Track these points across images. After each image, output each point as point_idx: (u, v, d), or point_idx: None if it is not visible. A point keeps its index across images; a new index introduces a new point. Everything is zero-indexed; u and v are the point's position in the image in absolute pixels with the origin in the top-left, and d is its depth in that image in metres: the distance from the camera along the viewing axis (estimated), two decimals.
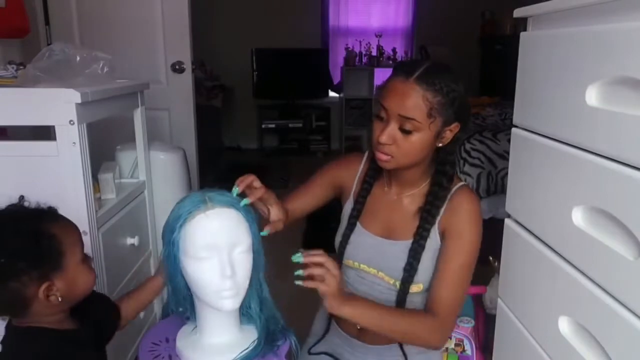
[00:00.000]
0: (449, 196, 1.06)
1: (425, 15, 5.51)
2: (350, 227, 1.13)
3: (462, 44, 5.26)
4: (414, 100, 0.96)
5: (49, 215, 0.86)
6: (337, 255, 1.15)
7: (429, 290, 1.06)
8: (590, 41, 0.72)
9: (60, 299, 0.82)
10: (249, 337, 0.95)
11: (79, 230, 0.89)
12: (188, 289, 0.93)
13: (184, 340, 0.95)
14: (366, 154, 1.18)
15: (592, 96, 0.72)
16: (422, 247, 1.04)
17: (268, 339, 0.95)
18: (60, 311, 0.86)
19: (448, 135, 1.02)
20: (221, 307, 0.87)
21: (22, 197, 0.87)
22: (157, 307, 1.97)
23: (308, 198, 1.19)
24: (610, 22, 0.69)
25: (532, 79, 0.91)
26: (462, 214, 1.04)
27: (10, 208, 0.84)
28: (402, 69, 0.99)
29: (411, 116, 0.96)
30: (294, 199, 1.18)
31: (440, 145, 1.03)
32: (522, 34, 0.94)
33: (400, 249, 1.07)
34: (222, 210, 0.86)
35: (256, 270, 0.92)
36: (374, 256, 1.10)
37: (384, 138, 0.98)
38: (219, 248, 0.85)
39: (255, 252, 0.91)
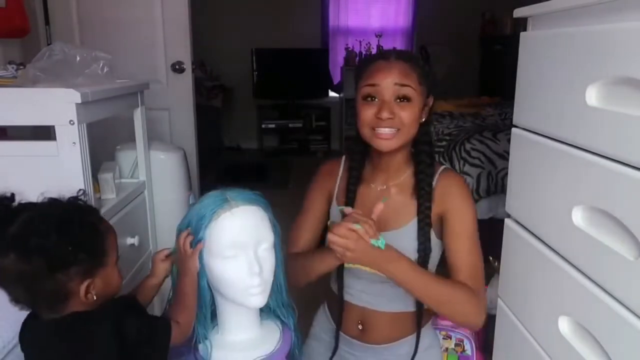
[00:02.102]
0: (435, 179, 1.08)
1: (425, 15, 5.51)
2: None
3: (462, 44, 5.25)
4: (404, 70, 1.02)
5: (96, 213, 0.89)
6: None
7: (452, 269, 1.07)
8: (590, 41, 0.72)
9: (95, 298, 0.83)
10: (270, 332, 0.96)
11: (116, 233, 0.91)
12: (208, 289, 0.93)
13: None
14: (343, 159, 1.19)
15: (592, 96, 0.72)
16: (429, 225, 1.06)
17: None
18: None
19: (428, 107, 1.08)
20: (249, 304, 0.88)
21: (82, 191, 0.89)
22: (158, 308, 1.97)
23: (314, 221, 1.18)
24: (610, 22, 0.69)
25: (532, 79, 0.91)
26: (456, 196, 1.08)
27: (73, 201, 0.86)
28: (376, 56, 1.06)
29: (407, 83, 1.01)
30: (303, 231, 1.18)
31: (423, 120, 1.07)
32: (522, 34, 0.94)
33: (392, 238, 1.07)
34: (247, 208, 0.87)
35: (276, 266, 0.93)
36: None
37: (385, 114, 1.00)
38: (245, 246, 0.86)
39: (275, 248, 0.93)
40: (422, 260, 1.06)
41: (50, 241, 0.77)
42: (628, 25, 0.65)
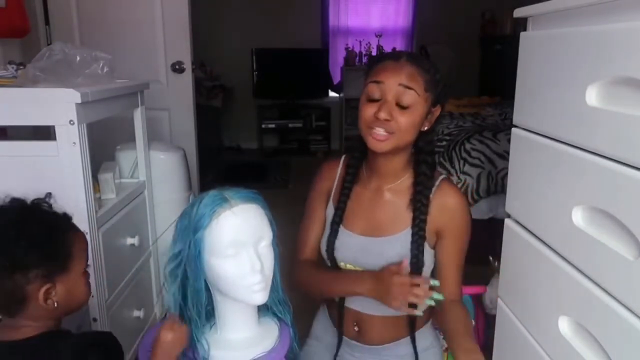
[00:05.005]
0: (433, 191, 1.07)
1: (425, 15, 5.51)
2: (334, 233, 1.12)
3: (462, 44, 5.25)
4: (411, 73, 1.00)
5: (66, 218, 0.89)
6: (327, 260, 1.15)
7: (439, 280, 1.09)
8: (590, 41, 0.72)
9: (55, 305, 0.82)
10: (268, 330, 0.97)
11: (87, 242, 0.91)
12: (206, 289, 0.93)
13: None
14: (342, 158, 1.18)
15: (592, 96, 0.72)
16: (423, 238, 1.05)
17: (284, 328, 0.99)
18: (49, 319, 0.85)
19: (432, 116, 1.06)
20: (252, 300, 0.89)
21: (49, 194, 0.90)
22: (157, 308, 1.97)
23: (318, 227, 1.18)
24: (610, 22, 0.69)
25: (532, 79, 0.91)
26: (452, 212, 1.07)
27: (35, 201, 0.86)
28: (387, 56, 1.04)
29: (411, 86, 0.99)
30: (308, 237, 1.18)
31: (425, 129, 1.05)
32: (522, 34, 0.94)
33: (384, 244, 1.07)
34: (246, 206, 0.88)
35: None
36: (359, 255, 1.10)
37: (383, 114, 0.98)
38: (245, 244, 0.86)
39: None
40: (414, 272, 1.06)
41: (3, 238, 0.77)
42: (628, 25, 0.65)
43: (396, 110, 0.99)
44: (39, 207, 0.86)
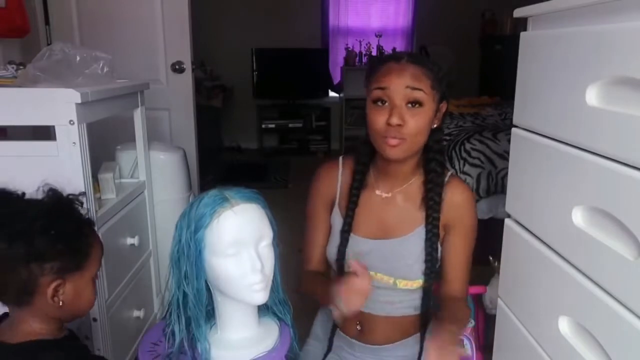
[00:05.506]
0: (444, 186, 1.07)
1: (425, 15, 5.51)
2: (345, 242, 1.11)
3: (462, 44, 5.25)
4: (416, 74, 0.99)
5: (90, 221, 0.91)
6: (335, 268, 1.14)
7: (445, 279, 1.10)
8: (590, 41, 0.72)
9: (61, 304, 0.82)
10: (268, 330, 0.97)
11: (103, 250, 0.92)
12: (206, 289, 0.93)
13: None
14: (340, 160, 1.17)
15: (592, 96, 0.72)
16: (437, 235, 1.05)
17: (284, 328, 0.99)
18: (50, 320, 0.85)
19: (440, 113, 1.06)
20: (252, 300, 0.89)
21: (82, 193, 0.91)
22: (157, 307, 1.97)
23: (323, 234, 1.17)
24: (610, 22, 0.69)
25: (532, 79, 0.91)
26: (460, 208, 1.07)
27: (70, 197, 0.88)
28: (388, 57, 1.03)
29: (419, 86, 0.98)
30: (314, 246, 1.17)
31: (435, 126, 1.05)
32: (522, 34, 0.94)
33: (396, 245, 1.07)
34: (247, 206, 0.88)
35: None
36: (370, 259, 1.09)
37: (395, 119, 0.97)
38: (246, 243, 0.86)
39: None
40: (429, 270, 1.06)
41: (35, 226, 0.78)
42: (628, 25, 0.65)
43: (407, 113, 0.98)
44: (72, 203, 0.88)
